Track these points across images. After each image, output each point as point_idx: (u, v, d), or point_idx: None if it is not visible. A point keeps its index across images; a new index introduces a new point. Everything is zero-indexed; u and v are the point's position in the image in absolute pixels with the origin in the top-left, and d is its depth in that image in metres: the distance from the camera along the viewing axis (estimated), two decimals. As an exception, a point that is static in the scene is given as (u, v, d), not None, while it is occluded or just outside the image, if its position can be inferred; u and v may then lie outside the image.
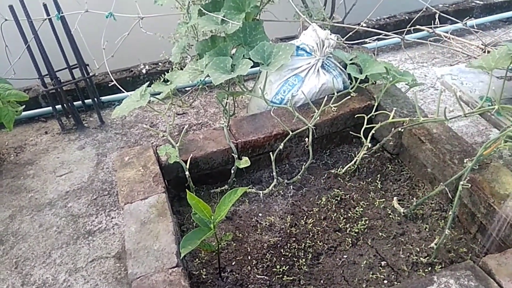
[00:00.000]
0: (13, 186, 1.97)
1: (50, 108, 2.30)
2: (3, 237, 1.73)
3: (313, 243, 1.51)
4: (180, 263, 1.25)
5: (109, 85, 2.45)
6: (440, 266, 1.40)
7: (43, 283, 1.54)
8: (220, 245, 1.38)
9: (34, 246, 1.68)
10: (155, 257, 1.25)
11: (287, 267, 1.43)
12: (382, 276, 1.39)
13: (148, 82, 1.76)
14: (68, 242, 1.69)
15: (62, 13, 2.04)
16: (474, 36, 2.74)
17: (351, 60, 1.82)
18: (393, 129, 1.69)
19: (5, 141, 2.25)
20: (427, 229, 1.53)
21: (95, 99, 2.31)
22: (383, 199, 1.66)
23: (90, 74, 2.23)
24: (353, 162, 1.75)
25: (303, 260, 1.45)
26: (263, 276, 1.41)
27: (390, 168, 1.79)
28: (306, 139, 1.66)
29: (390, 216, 1.59)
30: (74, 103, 2.34)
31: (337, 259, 1.46)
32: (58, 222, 1.78)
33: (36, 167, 2.07)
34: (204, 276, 1.41)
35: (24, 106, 1.96)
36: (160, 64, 2.61)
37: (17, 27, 1.97)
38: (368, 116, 1.72)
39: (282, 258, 1.46)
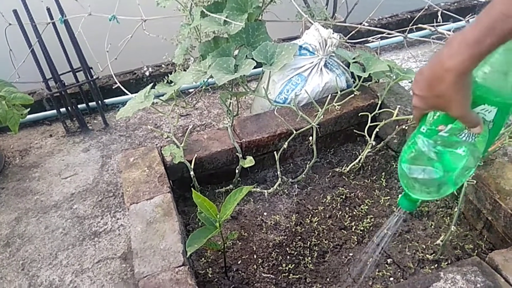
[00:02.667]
0: (19, 189, 1.98)
1: (55, 111, 2.31)
2: (10, 239, 1.74)
3: (319, 242, 1.51)
4: (186, 262, 1.25)
5: (113, 87, 2.45)
6: (446, 263, 1.40)
7: (49, 284, 1.55)
8: (225, 244, 1.38)
9: (40, 247, 1.69)
10: (161, 256, 1.25)
11: (293, 265, 1.43)
12: (388, 274, 1.39)
13: (151, 84, 1.76)
14: (74, 243, 1.70)
15: (65, 16, 2.05)
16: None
17: (354, 58, 1.82)
18: (397, 126, 1.69)
19: (10, 144, 2.26)
20: (432, 226, 1.53)
21: (99, 101, 2.32)
22: (388, 197, 1.66)
23: (94, 77, 2.25)
24: (357, 160, 1.75)
25: (309, 258, 1.45)
26: (269, 275, 1.41)
27: (394, 166, 1.79)
28: (310, 138, 1.67)
29: (396, 213, 1.59)
30: (78, 106, 2.35)
31: (343, 257, 1.46)
32: (64, 224, 1.79)
33: (41, 169, 2.08)
34: (210, 275, 1.41)
35: (29, 109, 1.97)
36: (163, 66, 2.62)
37: (21, 31, 1.99)
38: (372, 114, 1.72)
39: (288, 257, 1.46)
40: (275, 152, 1.68)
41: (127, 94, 2.13)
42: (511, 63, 0.71)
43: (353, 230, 1.54)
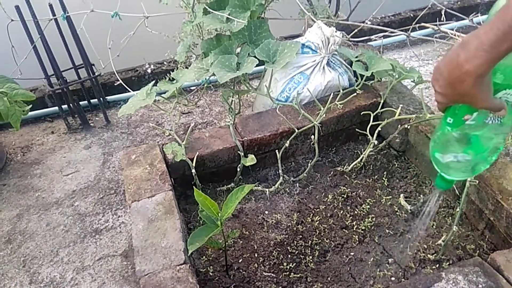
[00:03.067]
0: (20, 186, 1.98)
1: (57, 108, 2.31)
2: (11, 236, 1.74)
3: (320, 241, 1.51)
4: (187, 260, 1.25)
5: (115, 84, 2.46)
6: (447, 263, 1.39)
7: (50, 281, 1.55)
8: (227, 243, 1.38)
9: (42, 244, 1.69)
10: (162, 254, 1.25)
11: (294, 264, 1.43)
12: (389, 273, 1.39)
13: (154, 81, 1.76)
14: (75, 240, 1.70)
15: (68, 13, 2.05)
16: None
17: (356, 57, 1.82)
18: (399, 126, 1.68)
19: (12, 141, 2.26)
20: (434, 226, 1.52)
21: (101, 98, 2.32)
22: (390, 196, 1.65)
23: (96, 74, 2.24)
24: (359, 159, 1.75)
25: (310, 257, 1.45)
26: (270, 274, 1.41)
27: (396, 165, 1.78)
28: (312, 136, 1.66)
29: (397, 213, 1.59)
30: (80, 103, 2.35)
31: (344, 256, 1.45)
32: (65, 221, 1.79)
33: (43, 166, 2.09)
34: (211, 273, 1.42)
35: (31, 106, 1.97)
36: (165, 63, 2.62)
37: (23, 28, 1.98)
38: (374, 113, 1.72)
39: (289, 256, 1.46)
40: (276, 150, 1.68)
41: (129, 91, 2.13)
42: None
43: (354, 229, 1.54)
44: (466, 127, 0.82)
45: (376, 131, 1.68)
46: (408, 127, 1.69)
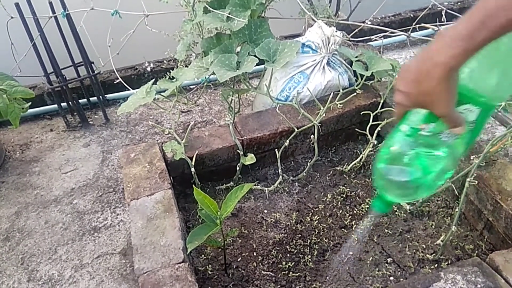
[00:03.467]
0: (19, 183, 1.98)
1: (56, 105, 2.30)
2: (9, 233, 1.74)
3: (319, 240, 1.51)
4: (186, 258, 1.25)
5: (114, 82, 2.45)
6: (446, 263, 1.40)
7: (49, 279, 1.55)
8: (226, 241, 1.38)
9: (40, 242, 1.69)
10: (161, 252, 1.25)
11: (292, 263, 1.43)
12: (388, 273, 1.39)
13: (153, 79, 1.76)
14: (74, 238, 1.69)
15: (67, 11, 2.04)
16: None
17: (356, 57, 1.82)
18: (399, 126, 1.68)
19: (10, 139, 2.26)
20: (433, 226, 1.53)
21: (100, 96, 2.32)
22: (389, 196, 1.65)
23: (95, 72, 2.24)
24: (358, 159, 1.75)
25: (309, 256, 1.45)
26: (268, 272, 1.41)
27: (395, 166, 1.78)
28: (312, 136, 1.66)
29: (396, 213, 1.59)
30: (79, 100, 2.34)
31: (343, 255, 1.45)
32: (63, 218, 1.78)
33: (41, 164, 2.08)
34: (210, 272, 1.41)
35: (30, 103, 1.97)
36: (164, 62, 2.61)
37: (23, 25, 1.98)
38: (374, 113, 1.72)
39: (288, 255, 1.46)
40: (276, 149, 1.68)
41: (128, 90, 2.12)
42: (497, 62, 0.69)
43: (353, 229, 1.54)
44: (419, 138, 0.75)
45: (376, 131, 1.68)
46: (408, 127, 1.69)
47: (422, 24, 2.22)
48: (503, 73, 0.70)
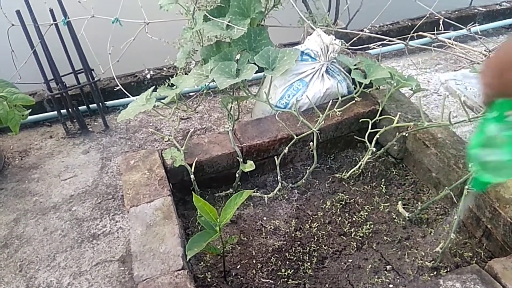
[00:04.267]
0: (18, 190, 1.98)
1: (55, 112, 2.31)
2: (8, 240, 1.73)
3: (318, 247, 1.51)
4: (185, 265, 1.25)
5: (114, 90, 2.46)
6: (445, 271, 1.40)
7: (47, 286, 1.54)
8: (225, 248, 1.38)
9: (39, 249, 1.69)
10: (161, 259, 1.25)
11: (292, 270, 1.43)
12: (387, 280, 1.39)
13: (153, 87, 1.77)
14: (73, 245, 1.69)
15: (68, 18, 2.06)
16: (477, 42, 2.76)
17: (355, 65, 1.83)
18: (397, 133, 1.69)
19: (10, 145, 2.26)
20: (432, 234, 1.53)
21: (100, 103, 2.32)
22: (388, 204, 1.66)
23: (95, 79, 2.25)
24: (357, 166, 1.75)
25: (308, 264, 1.45)
26: (268, 280, 1.41)
27: (394, 173, 1.79)
28: (311, 143, 1.67)
29: (395, 220, 1.59)
30: (79, 107, 2.35)
31: (342, 263, 1.45)
32: (62, 225, 1.78)
33: (40, 171, 2.08)
34: (209, 280, 1.41)
35: (30, 110, 1.97)
36: (164, 69, 2.62)
37: (24, 32, 1.99)
38: (373, 121, 1.73)
39: (287, 262, 1.46)
40: (275, 157, 1.69)
41: (128, 97, 2.14)
42: None
43: (352, 236, 1.54)
44: (507, 123, 0.86)
45: (375, 139, 1.69)
46: (406, 134, 1.70)
47: (420, 33, 2.25)
48: None
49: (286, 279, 1.40)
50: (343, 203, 1.67)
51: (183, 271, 1.22)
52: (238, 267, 1.46)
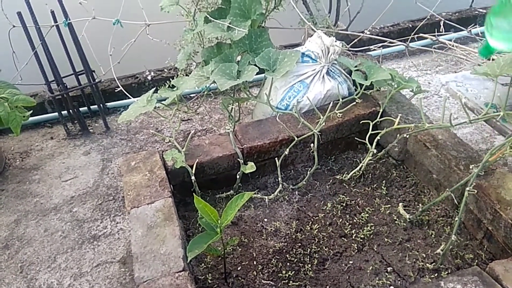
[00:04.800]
0: (19, 191, 1.98)
1: (56, 113, 2.31)
2: (9, 241, 1.73)
3: (319, 249, 1.50)
4: (186, 267, 1.25)
5: (115, 91, 2.47)
6: (446, 272, 1.39)
7: (48, 288, 1.54)
8: (226, 250, 1.38)
9: (39, 250, 1.69)
10: (161, 261, 1.25)
11: (292, 272, 1.43)
12: (388, 282, 1.38)
13: (154, 88, 1.77)
14: (73, 246, 1.69)
15: (69, 20, 2.06)
16: (477, 44, 2.76)
17: (356, 66, 1.83)
18: (398, 135, 1.69)
19: (11, 146, 2.26)
20: (433, 235, 1.53)
21: (101, 105, 2.33)
22: (389, 205, 1.66)
23: (96, 80, 2.25)
24: (358, 168, 1.75)
25: (309, 265, 1.45)
26: (268, 281, 1.41)
27: (395, 174, 1.79)
28: (312, 145, 1.67)
29: (396, 222, 1.59)
30: (80, 109, 2.36)
31: (343, 264, 1.45)
32: (63, 227, 1.78)
33: (41, 172, 2.08)
34: (210, 281, 1.41)
35: (31, 111, 1.97)
36: (165, 70, 2.63)
37: (25, 34, 1.99)
38: (373, 122, 1.73)
39: (288, 264, 1.46)
40: (276, 158, 1.69)
41: (129, 98, 2.14)
42: None
43: (353, 237, 1.54)
44: None
45: (375, 140, 1.69)
46: (407, 136, 1.70)
47: (421, 34, 2.25)
48: None
49: (287, 281, 1.40)
50: (344, 204, 1.66)
51: (184, 273, 1.22)
52: (239, 268, 1.46)
